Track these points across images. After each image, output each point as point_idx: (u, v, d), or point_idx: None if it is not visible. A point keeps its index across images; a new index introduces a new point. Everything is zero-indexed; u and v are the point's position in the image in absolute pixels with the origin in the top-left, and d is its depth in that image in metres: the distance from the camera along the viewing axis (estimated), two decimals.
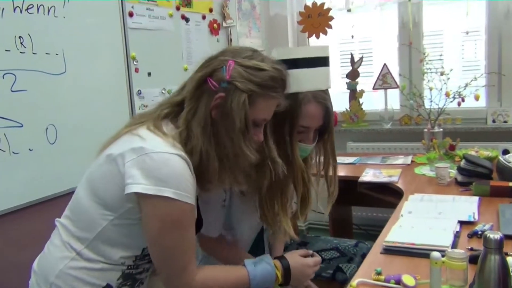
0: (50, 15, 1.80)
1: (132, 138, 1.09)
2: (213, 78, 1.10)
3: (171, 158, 1.04)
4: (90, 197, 1.12)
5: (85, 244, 1.12)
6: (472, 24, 3.13)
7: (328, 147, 1.48)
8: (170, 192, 1.02)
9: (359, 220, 3.45)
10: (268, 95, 1.13)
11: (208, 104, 1.10)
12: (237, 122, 1.09)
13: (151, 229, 1.07)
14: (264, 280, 1.22)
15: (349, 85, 3.47)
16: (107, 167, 1.10)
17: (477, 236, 1.53)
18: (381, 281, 1.28)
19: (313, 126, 1.37)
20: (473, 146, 2.62)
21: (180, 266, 1.10)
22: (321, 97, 1.34)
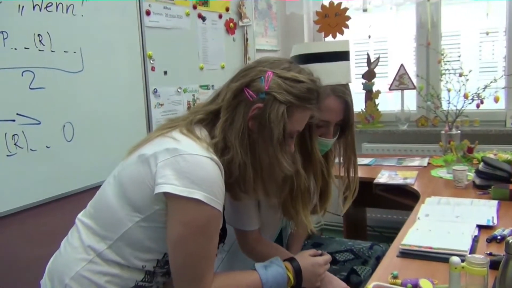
0: (69, 13, 1.81)
1: (166, 139, 1.09)
2: (250, 88, 1.10)
3: (205, 162, 1.03)
4: (118, 197, 1.12)
5: (108, 245, 1.11)
6: (491, 25, 3.08)
7: (349, 143, 1.47)
8: (201, 195, 1.01)
9: (373, 222, 3.42)
10: (304, 107, 1.14)
11: (246, 115, 1.10)
12: (275, 133, 1.08)
13: (175, 233, 1.06)
14: (277, 283, 1.20)
15: (365, 85, 3.44)
16: (138, 167, 1.10)
17: (496, 240, 1.50)
18: (397, 285, 1.26)
19: (332, 120, 1.36)
20: (492, 149, 2.58)
21: (198, 275, 1.08)
22: (340, 91, 1.34)
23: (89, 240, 1.13)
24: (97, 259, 1.11)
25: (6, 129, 1.60)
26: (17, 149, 1.64)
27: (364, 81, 3.44)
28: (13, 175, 1.63)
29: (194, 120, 1.14)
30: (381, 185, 2.47)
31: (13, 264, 1.67)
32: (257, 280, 1.19)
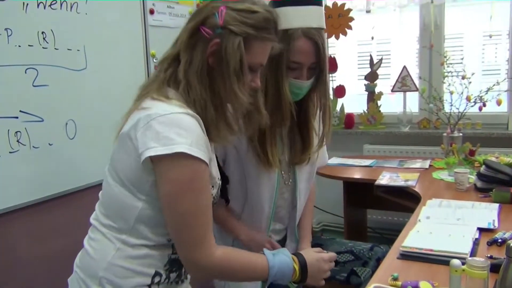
0: (73, 11, 1.81)
1: (138, 112, 1.09)
2: (206, 26, 1.10)
3: (179, 117, 1.04)
4: (117, 184, 1.13)
5: (128, 232, 1.12)
6: (495, 27, 3.08)
7: (321, 88, 1.46)
8: (182, 147, 1.00)
9: (374, 224, 3.42)
10: (262, 37, 1.13)
11: (204, 53, 1.09)
12: (231, 65, 1.08)
13: (164, 193, 1.06)
14: (282, 272, 1.19)
15: (367, 87, 3.44)
16: (122, 147, 1.11)
17: (497, 244, 1.50)
18: (397, 287, 1.26)
19: (304, 62, 1.37)
20: (494, 152, 2.57)
21: (198, 236, 1.07)
22: (311, 33, 1.35)
23: (110, 233, 1.14)
24: (123, 246, 1.12)
25: (9, 126, 1.60)
26: (20, 146, 1.64)
27: (367, 83, 3.43)
28: (15, 172, 1.64)
29: (165, 80, 1.13)
30: (382, 186, 2.47)
31: (15, 260, 1.68)
32: (264, 262, 1.17)
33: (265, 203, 1.55)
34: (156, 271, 1.14)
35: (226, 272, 1.17)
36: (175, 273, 1.18)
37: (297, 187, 1.56)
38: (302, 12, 1.35)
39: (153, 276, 1.14)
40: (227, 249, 1.18)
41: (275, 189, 1.52)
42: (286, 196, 1.58)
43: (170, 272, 1.17)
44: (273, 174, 1.50)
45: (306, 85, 1.41)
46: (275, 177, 1.51)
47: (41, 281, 1.76)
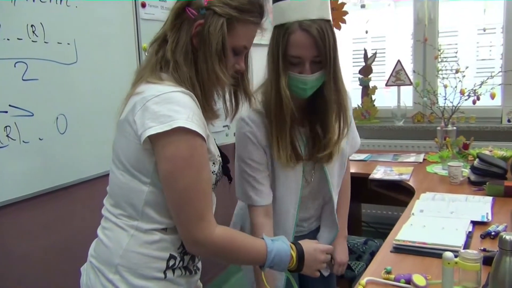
0: (63, 4, 1.78)
1: (134, 97, 1.11)
2: (191, 6, 1.11)
3: (173, 95, 1.05)
4: (122, 171, 1.13)
5: (139, 217, 1.12)
6: (489, 21, 3.08)
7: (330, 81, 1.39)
8: (180, 122, 1.01)
9: (368, 218, 3.42)
10: (246, 20, 1.13)
11: (189, 33, 1.11)
12: (213, 45, 1.09)
13: (164, 172, 1.06)
14: (280, 257, 1.19)
15: (361, 81, 3.43)
16: (122, 134, 1.12)
17: (490, 236, 1.50)
18: (390, 280, 1.26)
19: (304, 55, 1.33)
20: (487, 146, 2.58)
21: (197, 213, 1.07)
22: (307, 25, 1.31)
23: (121, 221, 1.14)
24: (137, 233, 1.12)
25: None
26: (9, 141, 1.62)
27: (361, 77, 3.43)
28: (5, 167, 1.61)
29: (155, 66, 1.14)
30: (376, 180, 2.47)
31: (5, 256, 1.66)
32: (263, 246, 1.18)
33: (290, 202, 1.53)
34: (170, 254, 1.15)
35: (225, 251, 1.16)
36: (188, 255, 1.18)
37: (329, 182, 1.55)
38: (299, 5, 1.32)
39: (168, 259, 1.14)
40: (227, 229, 1.18)
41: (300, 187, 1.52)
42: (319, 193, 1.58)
43: (184, 254, 1.17)
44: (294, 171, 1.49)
45: (310, 79, 1.36)
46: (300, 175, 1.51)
47: (33, 276, 1.75)
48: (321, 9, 1.34)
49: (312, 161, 1.51)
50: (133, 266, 1.11)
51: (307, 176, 1.53)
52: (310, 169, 1.54)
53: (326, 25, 1.33)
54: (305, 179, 1.54)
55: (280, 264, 1.20)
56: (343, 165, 1.63)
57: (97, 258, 1.17)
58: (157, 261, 1.13)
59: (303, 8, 1.32)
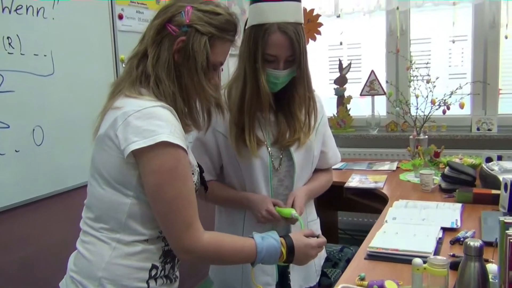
0: (39, 16, 1.79)
1: (112, 112, 1.13)
2: (172, 23, 1.15)
3: (154, 110, 1.09)
4: (103, 184, 1.15)
5: (121, 230, 1.14)
6: (458, 33, 3.18)
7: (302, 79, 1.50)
8: (163, 136, 1.05)
9: (345, 225, 3.48)
10: (225, 38, 1.20)
11: (170, 48, 1.15)
12: (199, 62, 1.15)
13: (150, 185, 1.09)
14: (270, 255, 1.23)
15: (336, 91, 3.50)
16: (102, 148, 1.14)
17: (459, 242, 1.56)
18: (364, 286, 1.30)
19: (279, 55, 1.42)
20: (458, 154, 2.67)
21: (185, 222, 1.11)
22: (285, 27, 1.40)
23: (103, 235, 1.16)
24: (119, 245, 1.14)
25: None
26: None
27: (336, 87, 3.49)
28: None
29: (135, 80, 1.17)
30: (351, 189, 2.52)
31: None
32: (252, 246, 1.21)
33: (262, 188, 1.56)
34: (152, 264, 1.17)
35: (215, 256, 1.21)
36: (169, 264, 1.21)
37: (295, 172, 1.58)
38: (278, 7, 1.41)
39: (150, 269, 1.17)
40: (214, 234, 1.22)
41: (269, 174, 1.55)
42: (287, 184, 1.60)
43: (165, 263, 1.20)
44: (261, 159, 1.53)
45: (282, 75, 1.45)
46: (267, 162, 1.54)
47: None
48: (296, 13, 1.44)
49: (278, 145, 1.56)
50: (116, 278, 1.13)
51: (274, 162, 1.56)
52: (278, 155, 1.57)
53: (299, 28, 1.43)
54: (273, 166, 1.57)
55: (270, 260, 1.24)
56: (309, 163, 1.65)
57: (78, 272, 1.17)
58: (140, 271, 1.15)
59: (281, 11, 1.41)
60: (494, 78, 3.09)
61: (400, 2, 3.14)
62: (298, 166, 1.58)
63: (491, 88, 3.09)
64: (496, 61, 3.09)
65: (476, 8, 3.09)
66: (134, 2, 2.28)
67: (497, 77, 3.10)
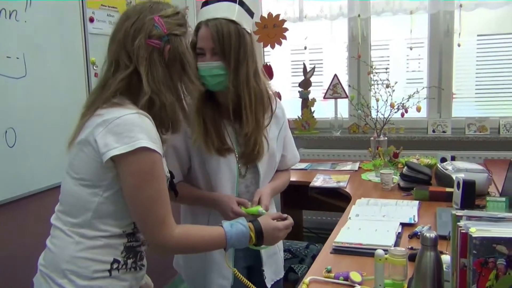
0: (12, 19, 1.80)
1: (92, 119, 1.20)
2: (151, 38, 1.22)
3: (133, 117, 1.16)
4: (76, 183, 1.22)
5: (86, 226, 1.21)
6: (416, 40, 3.35)
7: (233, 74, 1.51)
8: (141, 143, 1.13)
9: (309, 224, 3.58)
10: (188, 32, 1.31)
11: (162, 61, 1.23)
12: (187, 60, 1.26)
13: (128, 186, 1.18)
14: (239, 240, 1.32)
15: (301, 94, 3.61)
16: (81, 152, 1.20)
17: (416, 236, 1.68)
18: (331, 278, 1.40)
19: (204, 47, 1.49)
20: (415, 154, 2.82)
21: (159, 219, 1.20)
22: (210, 21, 1.49)
23: (68, 229, 1.23)
24: (81, 239, 1.21)
25: None
26: None
27: (301, 90, 3.61)
28: None
29: (110, 94, 1.22)
30: (316, 188, 2.62)
31: None
32: (221, 235, 1.30)
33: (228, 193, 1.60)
34: (114, 258, 1.24)
35: (187, 247, 1.32)
36: (131, 259, 1.28)
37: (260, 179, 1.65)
38: (211, 8, 1.52)
39: (112, 263, 1.23)
40: (185, 227, 1.32)
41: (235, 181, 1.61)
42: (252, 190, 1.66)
43: (127, 258, 1.27)
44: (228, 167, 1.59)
45: (207, 67, 1.49)
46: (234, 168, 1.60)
47: None
48: (228, 11, 1.51)
49: (244, 158, 1.61)
50: (78, 270, 1.20)
51: (241, 168, 1.63)
52: (244, 165, 1.63)
53: (228, 24, 1.49)
54: (239, 173, 1.63)
55: (240, 244, 1.33)
56: (271, 169, 1.72)
57: (46, 266, 1.25)
58: (101, 264, 1.22)
59: (213, 10, 1.51)
60: (448, 83, 3.28)
61: (361, 9, 3.28)
62: (262, 174, 1.65)
63: (445, 93, 3.28)
64: (450, 67, 3.28)
65: (431, 17, 3.27)
66: (105, 6, 2.31)
67: (451, 83, 3.29)
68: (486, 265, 0.91)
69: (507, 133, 3.12)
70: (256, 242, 1.35)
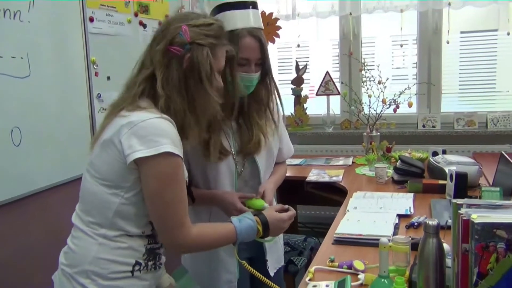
0: (16, 19, 1.83)
1: (117, 120, 1.23)
2: (174, 45, 1.25)
3: (158, 121, 1.19)
4: (98, 183, 1.24)
5: (107, 226, 1.24)
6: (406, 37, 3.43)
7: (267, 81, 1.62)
8: (167, 147, 1.17)
9: (304, 219, 3.65)
10: (222, 44, 1.33)
11: (180, 68, 1.25)
12: (204, 72, 1.26)
13: (150, 188, 1.21)
14: (248, 234, 1.38)
15: (294, 91, 3.67)
16: (105, 152, 1.23)
17: (413, 227, 1.76)
18: (335, 267, 1.46)
19: (251, 57, 1.53)
20: (407, 149, 2.90)
21: (178, 221, 1.23)
22: (255, 32, 1.53)
23: (90, 229, 1.26)
24: (104, 240, 1.24)
25: None
26: None
27: (293, 87, 3.67)
28: None
29: (136, 96, 1.27)
30: (312, 183, 2.69)
31: None
32: (232, 230, 1.35)
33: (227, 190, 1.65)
34: (136, 260, 1.27)
35: (203, 246, 1.39)
36: (152, 262, 1.32)
37: (260, 175, 1.70)
38: (244, 15, 1.53)
39: (134, 265, 1.27)
40: (200, 227, 1.34)
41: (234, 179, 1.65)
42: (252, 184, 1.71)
43: (148, 261, 1.30)
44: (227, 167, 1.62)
45: (255, 77, 1.56)
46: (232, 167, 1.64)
47: None
48: (259, 19, 1.57)
49: (242, 154, 1.66)
50: (102, 271, 1.23)
51: (238, 167, 1.67)
52: (241, 161, 1.68)
53: (262, 33, 1.56)
54: (237, 171, 1.67)
55: (248, 238, 1.40)
56: (271, 163, 1.78)
57: (68, 266, 1.27)
58: (124, 265, 1.26)
59: (248, 18, 1.53)
60: (437, 79, 3.37)
61: (352, 8, 3.35)
62: (262, 169, 1.70)
63: (435, 89, 3.37)
64: (439, 64, 3.37)
65: (421, 15, 3.35)
66: (104, 6, 2.34)
67: (440, 79, 3.39)
68: (487, 249, 0.98)
69: (494, 127, 3.22)
70: (263, 234, 1.42)
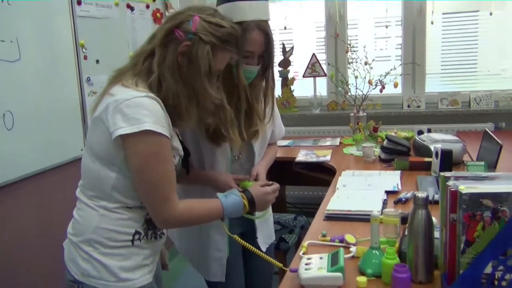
0: (4, 2, 1.81)
1: (107, 97, 1.28)
2: (180, 29, 1.29)
3: (142, 100, 1.23)
4: (93, 160, 1.30)
5: (107, 199, 1.30)
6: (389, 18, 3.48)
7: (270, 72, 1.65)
8: (148, 125, 1.20)
9: (292, 199, 3.71)
10: (225, 49, 1.35)
11: (175, 51, 1.29)
12: (202, 68, 1.30)
13: (134, 165, 1.25)
14: (234, 209, 1.44)
15: (281, 73, 3.69)
16: (96, 128, 1.29)
17: (401, 202, 1.83)
18: (327, 241, 1.52)
19: (256, 51, 1.55)
20: (393, 128, 2.96)
21: (163, 197, 1.28)
22: (262, 25, 1.54)
23: (91, 202, 1.32)
24: (105, 212, 1.30)
25: None
26: None
27: (280, 69, 3.69)
28: None
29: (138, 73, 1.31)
30: (301, 163, 2.74)
31: None
32: (219, 206, 1.41)
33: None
34: (136, 230, 1.33)
35: (190, 221, 1.45)
36: (151, 231, 1.37)
37: (255, 159, 1.74)
38: (254, 6, 1.52)
39: (134, 234, 1.33)
40: (187, 202, 1.39)
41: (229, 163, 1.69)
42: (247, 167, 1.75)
43: (147, 230, 1.36)
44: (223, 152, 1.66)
45: (256, 70, 1.58)
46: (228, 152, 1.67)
47: None
48: (268, 11, 1.57)
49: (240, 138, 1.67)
50: (103, 240, 1.30)
51: (235, 152, 1.71)
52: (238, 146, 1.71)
53: (270, 27, 1.58)
54: (233, 155, 1.71)
55: (236, 213, 1.46)
56: (264, 146, 1.83)
57: (74, 235, 1.35)
58: (124, 235, 1.32)
59: (258, 10, 1.52)
60: (422, 60, 3.43)
61: None
62: (257, 153, 1.75)
63: (419, 69, 3.43)
64: (423, 45, 3.43)
65: None
66: None
67: (424, 59, 3.44)
68: (474, 218, 1.03)
69: (477, 106, 3.30)
70: (250, 209, 1.47)
